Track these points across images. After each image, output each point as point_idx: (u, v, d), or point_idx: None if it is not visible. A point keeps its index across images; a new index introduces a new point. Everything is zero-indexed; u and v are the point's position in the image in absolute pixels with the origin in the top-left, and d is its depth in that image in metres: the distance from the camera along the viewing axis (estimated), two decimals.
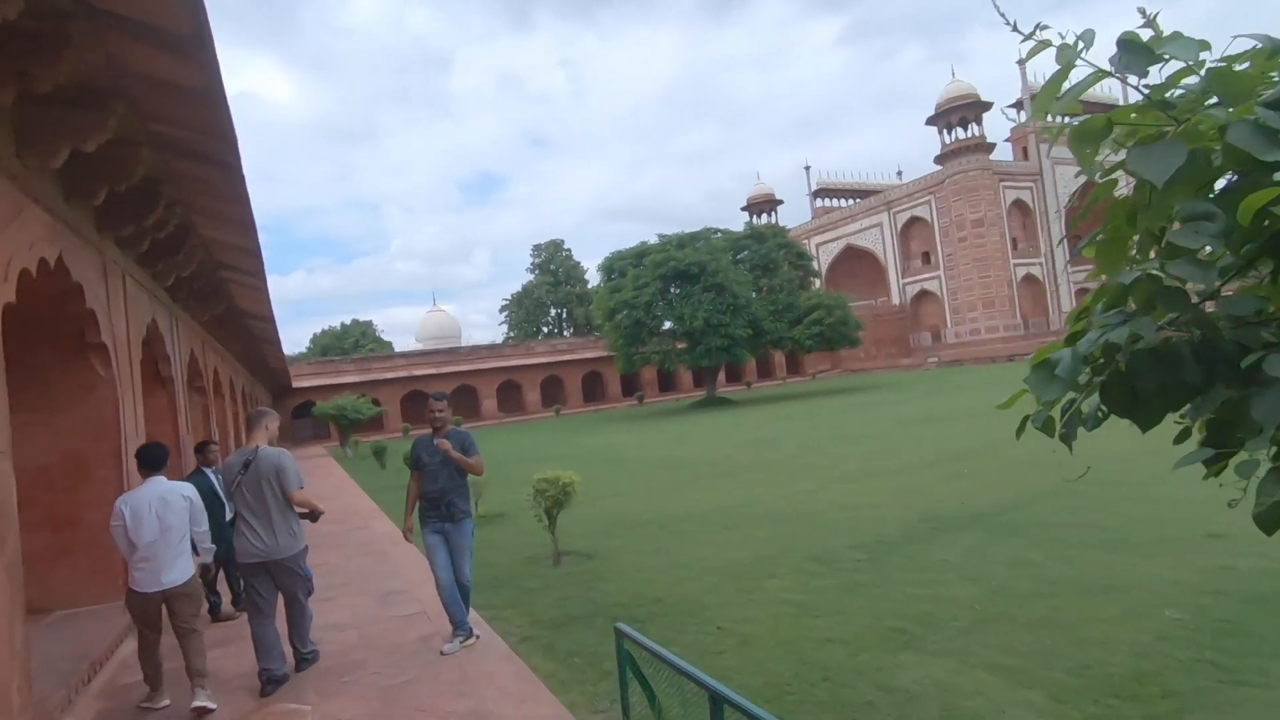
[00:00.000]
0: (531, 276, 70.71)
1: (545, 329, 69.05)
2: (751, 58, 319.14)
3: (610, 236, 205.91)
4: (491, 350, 50.51)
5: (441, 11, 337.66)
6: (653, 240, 36.72)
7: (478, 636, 4.63)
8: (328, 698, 3.90)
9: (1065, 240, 58.25)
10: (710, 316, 32.02)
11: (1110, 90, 48.35)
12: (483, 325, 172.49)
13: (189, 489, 4.14)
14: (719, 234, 39.06)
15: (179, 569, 3.91)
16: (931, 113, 58.39)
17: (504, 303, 72.06)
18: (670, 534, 8.04)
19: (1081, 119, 1.22)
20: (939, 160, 58.49)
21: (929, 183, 59.27)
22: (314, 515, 4.34)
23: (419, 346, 58.04)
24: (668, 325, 34.92)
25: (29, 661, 3.25)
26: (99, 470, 5.32)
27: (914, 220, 60.84)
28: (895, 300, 62.79)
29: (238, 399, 17.65)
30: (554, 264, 70.16)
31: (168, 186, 5.64)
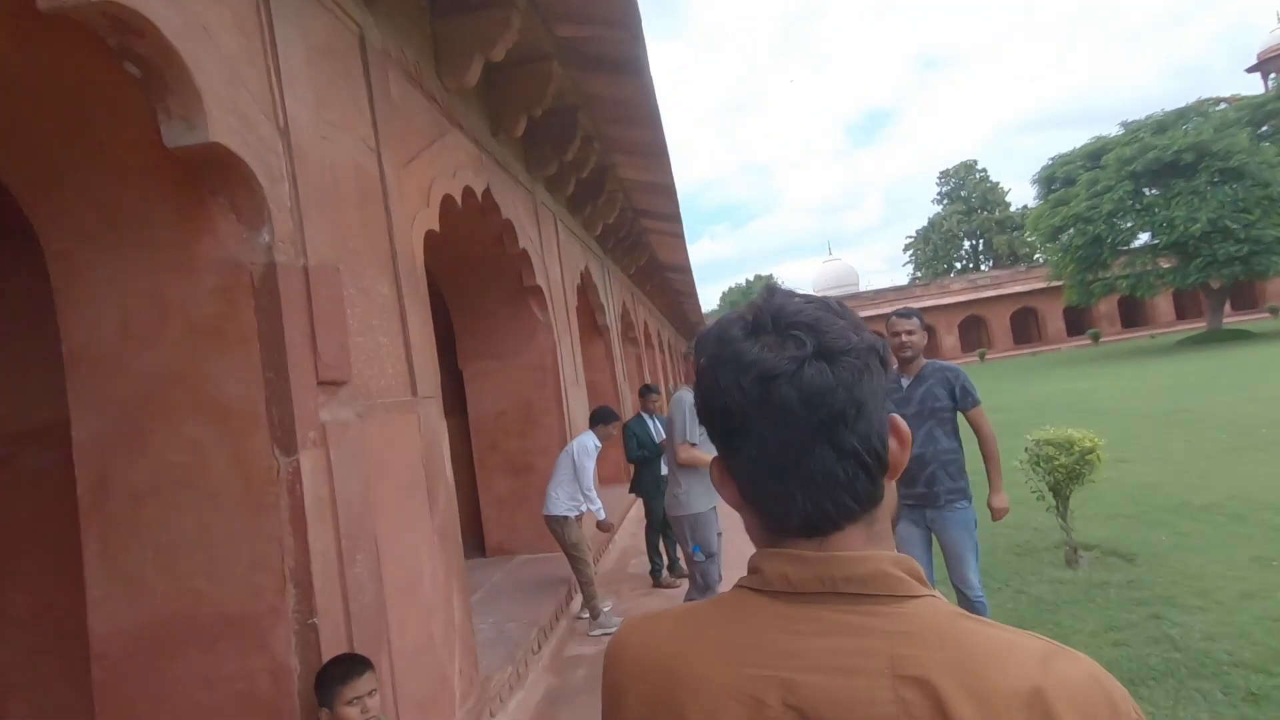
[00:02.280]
0: (939, 208, 63.26)
1: (958, 264, 61.29)
2: None
3: (1025, 152, 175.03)
4: (898, 292, 46.82)
5: None
6: (1111, 133, 28.36)
7: None
8: None
9: None
10: (1220, 217, 23.10)
11: None
12: (878, 271, 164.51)
13: (576, 446, 4.65)
14: (1222, 105, 28.23)
15: (551, 502, 4.60)
16: None
17: (907, 241, 66.17)
18: (1268, 531, 5.10)
19: None
20: None
21: None
22: None
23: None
24: (1141, 239, 26.72)
25: (471, 637, 2.82)
26: (543, 417, 5.26)
27: None
28: None
29: (665, 351, 18.95)
30: (965, 190, 61.45)
31: (582, 115, 5.25)
